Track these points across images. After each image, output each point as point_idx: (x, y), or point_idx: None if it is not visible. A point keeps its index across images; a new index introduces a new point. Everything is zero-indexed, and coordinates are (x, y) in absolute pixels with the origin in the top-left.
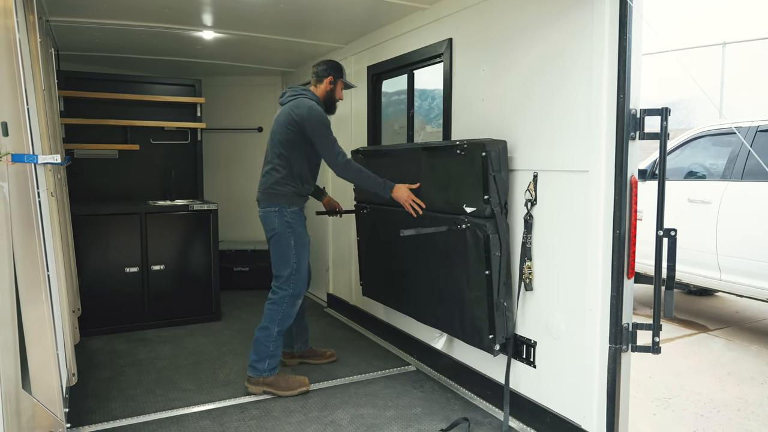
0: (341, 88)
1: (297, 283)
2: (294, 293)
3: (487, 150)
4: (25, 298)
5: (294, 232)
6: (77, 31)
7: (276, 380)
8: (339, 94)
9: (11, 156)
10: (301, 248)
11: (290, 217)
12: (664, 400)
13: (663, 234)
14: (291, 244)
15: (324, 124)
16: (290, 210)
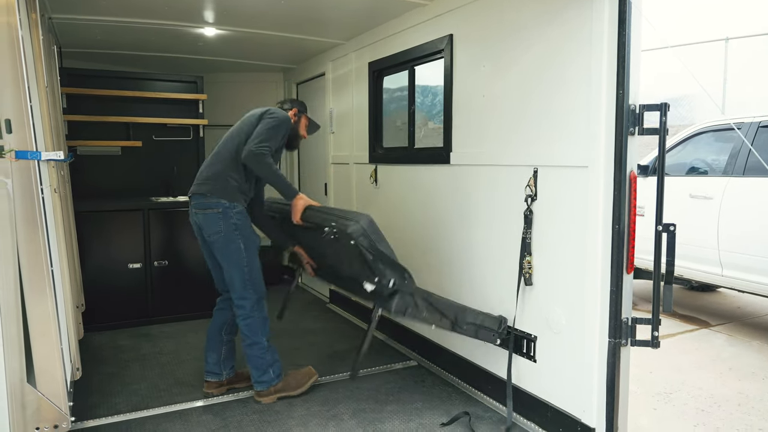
0: (305, 124)
1: (258, 285)
2: (259, 297)
3: (355, 237)
4: (30, 293)
5: (242, 235)
6: (79, 29)
7: (285, 383)
8: (302, 130)
9: (15, 153)
10: (254, 248)
11: (236, 218)
12: (665, 395)
13: (662, 229)
14: (238, 247)
15: (281, 125)
16: (235, 210)
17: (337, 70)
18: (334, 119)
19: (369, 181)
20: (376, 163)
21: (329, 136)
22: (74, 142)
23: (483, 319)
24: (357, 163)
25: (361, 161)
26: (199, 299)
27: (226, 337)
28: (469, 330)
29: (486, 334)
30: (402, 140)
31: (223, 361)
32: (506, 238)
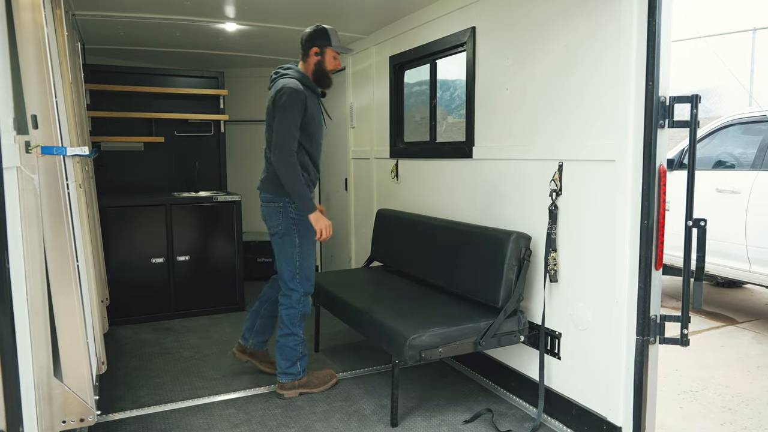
0: (332, 56)
1: (308, 281)
2: (306, 291)
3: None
4: (56, 287)
5: (297, 231)
6: (102, 25)
7: (309, 379)
8: (330, 63)
9: (41, 148)
10: (310, 245)
11: (295, 214)
12: (691, 393)
13: (692, 224)
14: (293, 242)
15: (289, 104)
16: (293, 205)
17: (358, 65)
18: (354, 114)
19: (390, 175)
20: (397, 158)
21: (350, 131)
22: (98, 138)
23: (500, 326)
24: (378, 157)
25: (382, 156)
26: (220, 294)
27: (264, 313)
28: (491, 343)
29: (509, 338)
30: (422, 135)
31: (255, 331)
32: (530, 233)
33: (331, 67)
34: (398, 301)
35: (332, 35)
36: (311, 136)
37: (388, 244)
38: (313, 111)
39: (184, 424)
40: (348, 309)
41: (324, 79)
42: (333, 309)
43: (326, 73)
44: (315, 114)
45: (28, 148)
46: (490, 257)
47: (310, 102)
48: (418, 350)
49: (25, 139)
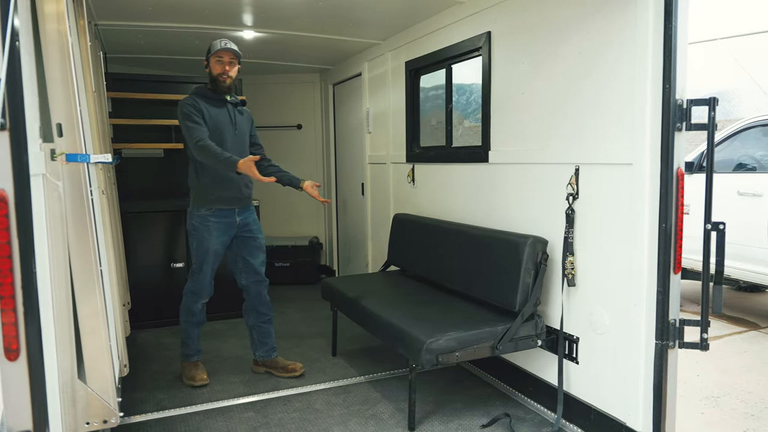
0: (215, 61)
1: (197, 283)
2: (192, 290)
3: None
4: (80, 291)
5: (196, 237)
6: (123, 34)
7: (186, 367)
8: (215, 68)
9: (66, 156)
10: (203, 253)
11: (196, 221)
12: (713, 399)
13: (711, 227)
14: (193, 246)
15: (183, 113)
16: (197, 213)
17: (374, 70)
18: (370, 119)
19: (406, 180)
20: (413, 163)
21: (366, 136)
22: (119, 145)
23: (517, 330)
24: (394, 162)
25: (399, 161)
26: (238, 299)
27: (251, 324)
28: (508, 348)
29: (526, 342)
30: (438, 139)
31: (256, 344)
32: (547, 237)
33: (217, 71)
34: (415, 305)
35: (212, 45)
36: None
37: (405, 248)
38: (214, 118)
39: (204, 426)
40: (365, 313)
41: (215, 84)
42: (350, 313)
43: (214, 77)
44: (216, 121)
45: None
46: (507, 261)
47: (210, 111)
48: (435, 354)
49: (51, 147)
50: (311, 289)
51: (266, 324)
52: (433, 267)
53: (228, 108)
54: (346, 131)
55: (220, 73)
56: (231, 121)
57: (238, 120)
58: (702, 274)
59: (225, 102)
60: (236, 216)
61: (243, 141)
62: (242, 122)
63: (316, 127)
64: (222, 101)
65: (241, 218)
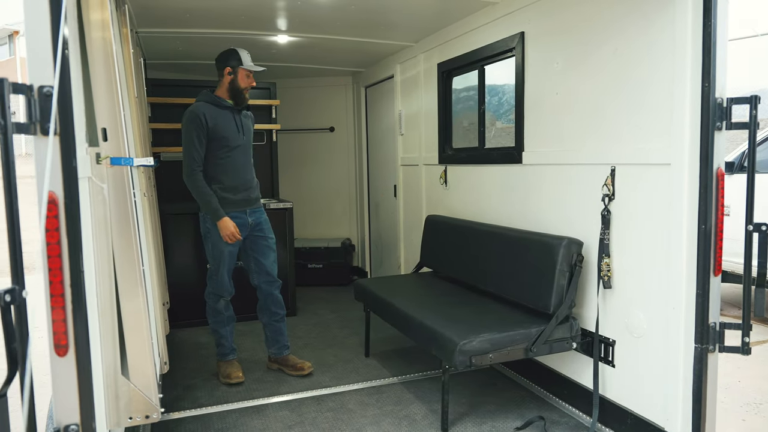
0: (245, 74)
1: (217, 284)
2: (213, 291)
3: None
4: (124, 291)
5: (210, 240)
6: (162, 41)
7: (222, 366)
8: (243, 82)
9: (110, 159)
10: (218, 255)
11: (210, 223)
12: (755, 406)
13: (753, 229)
14: (208, 248)
15: (186, 129)
16: (206, 215)
17: (406, 72)
18: (403, 121)
19: (439, 182)
20: (445, 164)
21: (398, 137)
22: (158, 148)
23: (551, 332)
24: (426, 164)
25: (431, 162)
26: None
27: (265, 323)
28: (542, 350)
29: (560, 345)
30: (471, 141)
31: (268, 342)
32: (582, 239)
33: (245, 84)
34: (448, 306)
35: (243, 55)
36: (219, 148)
37: (438, 250)
38: (221, 126)
39: (240, 424)
40: (398, 314)
41: (237, 96)
42: (383, 314)
43: (239, 90)
44: (223, 128)
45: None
46: (541, 263)
47: (217, 118)
48: (468, 356)
49: (96, 151)
50: (344, 290)
51: (278, 322)
52: (466, 268)
53: (234, 114)
54: (378, 133)
55: (246, 88)
56: (237, 127)
57: (245, 125)
58: (743, 276)
59: (232, 108)
60: (248, 217)
61: (248, 146)
62: (248, 128)
63: (349, 130)
64: (228, 107)
65: (253, 219)
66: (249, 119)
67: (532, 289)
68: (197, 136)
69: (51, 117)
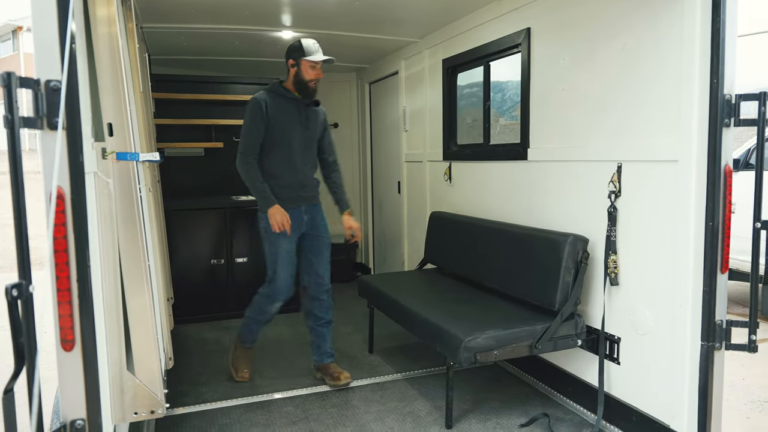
0: (309, 66)
1: (274, 287)
2: (269, 294)
3: None
4: (129, 286)
5: (268, 239)
6: (167, 36)
7: (234, 351)
8: (308, 74)
9: (116, 154)
10: (275, 253)
11: (265, 222)
12: (760, 404)
13: (761, 226)
14: (266, 248)
15: (246, 116)
16: (265, 214)
17: (411, 68)
18: (407, 117)
19: (443, 178)
20: (450, 160)
21: (402, 134)
22: (162, 144)
23: (556, 329)
24: (431, 160)
25: (435, 158)
26: None
27: (310, 326)
28: (547, 347)
29: (565, 342)
30: (475, 137)
31: (313, 348)
32: (588, 235)
33: (310, 77)
34: (453, 303)
35: (307, 47)
36: (277, 140)
37: (442, 246)
38: (282, 117)
39: (244, 419)
40: (402, 311)
41: (303, 89)
42: (387, 310)
43: (305, 83)
44: (284, 120)
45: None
46: (547, 260)
47: (279, 109)
48: (473, 352)
49: (102, 145)
50: (347, 286)
51: (322, 327)
52: (470, 265)
53: (300, 106)
54: (382, 129)
55: (312, 79)
56: (300, 120)
57: (310, 120)
58: (751, 273)
59: (298, 101)
60: (303, 214)
61: (311, 142)
62: (314, 123)
63: (353, 126)
64: (295, 99)
65: (309, 216)
66: (318, 114)
67: (537, 286)
68: (255, 123)
69: (59, 111)
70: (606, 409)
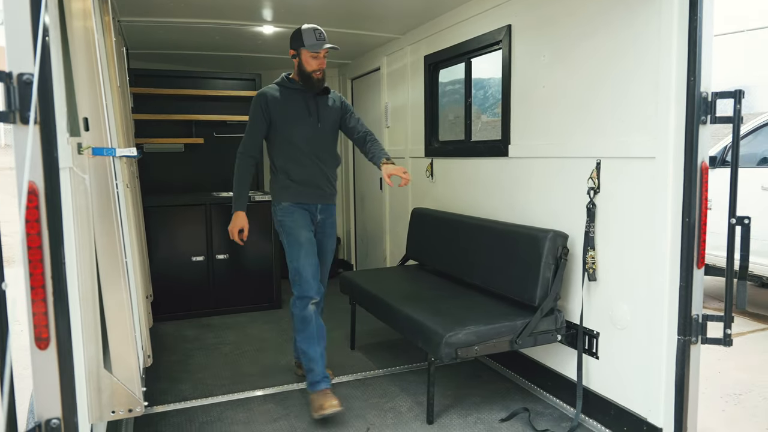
0: (309, 56)
1: (300, 284)
2: (298, 295)
3: None
4: (106, 283)
5: (284, 231)
6: (145, 30)
7: (313, 398)
8: (309, 64)
9: (92, 149)
10: (295, 246)
11: (280, 214)
12: (735, 396)
13: (736, 222)
14: (284, 243)
15: (252, 109)
16: (279, 207)
17: (392, 65)
18: (389, 113)
19: (425, 174)
20: (431, 157)
21: (384, 130)
22: (141, 139)
23: (537, 325)
24: (413, 156)
25: (417, 155)
26: (258, 292)
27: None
28: (527, 342)
29: (545, 337)
30: (457, 134)
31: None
32: (568, 231)
33: (312, 67)
34: (434, 299)
35: (307, 35)
36: (281, 135)
37: (424, 242)
38: (286, 112)
39: (224, 417)
40: (384, 307)
41: (307, 80)
42: (369, 307)
43: (308, 74)
44: (288, 114)
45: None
46: (527, 256)
47: (284, 103)
48: (454, 348)
49: (77, 140)
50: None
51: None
52: (452, 261)
53: (307, 98)
54: None
55: (315, 70)
56: (308, 113)
57: (320, 111)
58: (726, 268)
59: (304, 92)
60: (317, 213)
61: (323, 135)
62: (326, 113)
63: None
64: (301, 91)
65: (321, 216)
66: (332, 104)
67: (518, 281)
68: (254, 120)
69: (31, 105)
70: (585, 403)
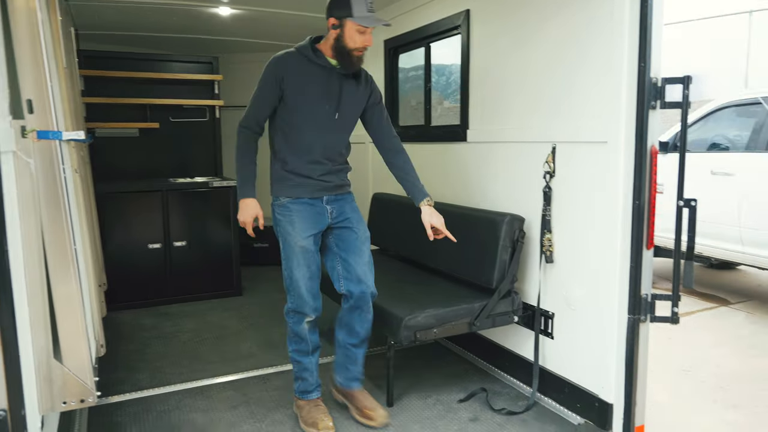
0: (355, 30)
1: (293, 297)
2: (291, 307)
3: None
4: (54, 272)
5: (281, 231)
6: (95, 10)
7: (303, 407)
8: (353, 40)
9: (37, 133)
10: (289, 252)
11: (277, 213)
12: (683, 372)
13: (683, 204)
14: (280, 245)
15: (263, 74)
16: (276, 203)
17: None
18: None
19: None
20: None
21: None
22: (93, 124)
23: (494, 307)
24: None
25: None
26: (217, 279)
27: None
28: (485, 324)
29: (503, 318)
30: (418, 119)
31: (336, 366)
32: (524, 215)
33: (355, 44)
34: (395, 283)
35: (357, 4)
36: (292, 116)
37: (385, 228)
38: (303, 88)
39: (183, 405)
40: None
41: (345, 58)
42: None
43: (346, 51)
44: (306, 92)
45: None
46: (485, 239)
47: (302, 77)
48: (413, 331)
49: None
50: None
51: (356, 348)
52: (414, 246)
53: (332, 77)
54: None
55: (358, 47)
56: (329, 95)
57: (344, 96)
58: (674, 249)
59: (331, 70)
60: (325, 205)
61: (343, 124)
62: (351, 100)
63: None
64: (327, 68)
65: (334, 207)
66: (362, 87)
67: (476, 264)
68: (263, 89)
69: None
70: (540, 381)
